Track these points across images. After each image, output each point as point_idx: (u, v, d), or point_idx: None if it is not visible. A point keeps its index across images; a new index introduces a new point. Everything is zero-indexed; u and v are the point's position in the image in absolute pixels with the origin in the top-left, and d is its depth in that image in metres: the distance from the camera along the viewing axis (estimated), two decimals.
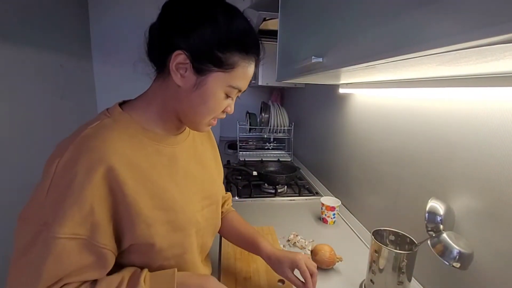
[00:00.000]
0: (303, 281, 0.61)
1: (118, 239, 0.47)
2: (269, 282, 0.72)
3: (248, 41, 0.48)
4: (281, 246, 0.90)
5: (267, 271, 0.76)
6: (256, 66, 0.52)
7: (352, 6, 0.48)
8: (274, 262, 0.64)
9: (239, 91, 0.52)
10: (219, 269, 0.78)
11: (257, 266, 0.78)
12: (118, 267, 0.49)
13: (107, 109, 0.52)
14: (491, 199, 0.55)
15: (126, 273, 0.48)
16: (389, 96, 0.90)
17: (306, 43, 0.73)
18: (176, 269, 0.51)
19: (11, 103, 1.65)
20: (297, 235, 0.94)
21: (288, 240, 0.93)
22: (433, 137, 0.70)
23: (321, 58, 0.59)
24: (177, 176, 0.54)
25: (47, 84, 1.96)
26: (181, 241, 0.54)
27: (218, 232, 0.74)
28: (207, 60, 0.46)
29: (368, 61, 0.41)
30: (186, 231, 0.54)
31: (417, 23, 0.31)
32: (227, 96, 0.51)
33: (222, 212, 0.75)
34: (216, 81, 0.48)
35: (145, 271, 0.49)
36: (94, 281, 0.46)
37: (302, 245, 0.90)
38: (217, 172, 0.70)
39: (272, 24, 1.41)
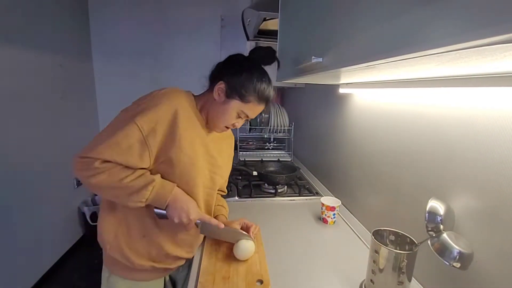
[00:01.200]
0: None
1: (158, 154, 0.73)
2: (248, 282, 0.72)
3: (263, 95, 0.79)
4: None
5: (246, 271, 0.76)
6: (265, 108, 0.82)
7: (352, 6, 0.48)
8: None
9: (247, 116, 0.81)
10: (199, 267, 0.78)
11: (237, 266, 0.78)
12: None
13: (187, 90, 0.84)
14: (491, 199, 0.55)
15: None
16: (389, 96, 0.90)
17: (306, 43, 0.74)
18: (176, 184, 0.76)
19: (11, 103, 1.65)
20: None
21: None
22: (433, 137, 0.70)
23: (321, 58, 0.59)
24: (202, 144, 0.81)
25: (47, 84, 1.96)
26: (191, 177, 0.78)
27: None
28: (235, 92, 0.77)
29: (368, 61, 0.41)
30: (196, 168, 0.78)
31: (417, 23, 0.31)
32: (238, 116, 0.80)
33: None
34: (235, 105, 0.78)
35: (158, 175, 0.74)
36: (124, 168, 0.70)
37: None
38: (226, 163, 0.95)
39: (272, 24, 1.41)
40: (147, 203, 0.72)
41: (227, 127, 0.82)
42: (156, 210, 0.76)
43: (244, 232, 0.85)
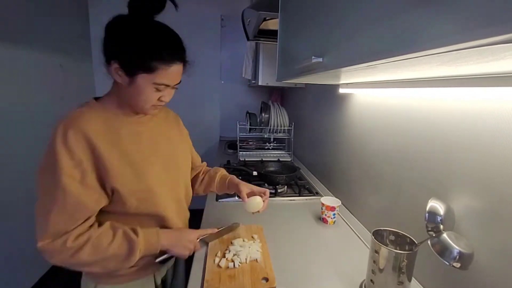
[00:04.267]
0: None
1: (103, 186, 0.66)
2: (253, 280, 0.73)
3: (167, 54, 0.64)
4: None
5: (251, 269, 0.77)
6: (183, 63, 0.69)
7: (352, 5, 0.48)
8: (233, 186, 0.94)
9: (168, 85, 0.68)
10: (204, 266, 0.78)
11: (242, 265, 0.78)
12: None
13: (86, 101, 0.72)
14: (492, 199, 0.55)
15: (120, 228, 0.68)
16: (389, 96, 0.90)
17: (306, 43, 0.73)
18: (158, 228, 0.73)
19: (10, 103, 1.65)
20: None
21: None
22: (433, 137, 0.70)
23: (321, 58, 0.59)
24: (142, 144, 0.73)
25: (47, 84, 1.95)
26: (141, 187, 0.70)
27: (210, 190, 1.00)
28: (134, 66, 0.63)
29: (368, 61, 0.41)
30: (145, 178, 0.71)
31: (417, 23, 0.31)
32: (157, 90, 0.67)
33: (202, 174, 1.01)
34: (144, 79, 0.64)
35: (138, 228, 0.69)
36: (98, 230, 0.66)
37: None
38: (182, 144, 0.90)
39: (272, 24, 1.41)
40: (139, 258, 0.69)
41: (155, 106, 0.71)
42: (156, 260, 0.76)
43: (230, 225, 0.93)
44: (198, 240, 0.80)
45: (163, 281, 0.89)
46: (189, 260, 0.84)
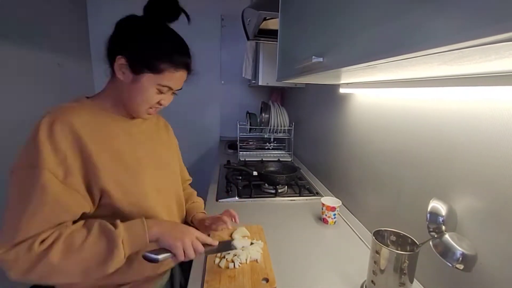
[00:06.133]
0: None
1: (90, 188, 0.60)
2: (254, 280, 0.72)
3: (178, 59, 0.65)
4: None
5: (252, 270, 0.76)
6: (188, 73, 0.70)
7: (352, 5, 0.47)
8: (198, 224, 0.86)
9: (171, 89, 0.68)
10: (204, 266, 0.78)
11: (242, 265, 0.78)
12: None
13: (75, 98, 0.69)
14: (495, 199, 0.54)
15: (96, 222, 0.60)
16: (390, 96, 0.90)
17: (307, 43, 0.73)
18: (143, 217, 0.63)
19: (9, 102, 1.65)
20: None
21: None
22: (435, 137, 0.70)
23: (322, 58, 0.59)
24: (135, 147, 0.71)
25: (45, 84, 1.95)
26: (135, 189, 0.66)
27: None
28: (141, 64, 0.62)
29: (369, 60, 0.40)
30: (138, 180, 0.67)
31: (418, 22, 0.30)
32: (160, 92, 0.66)
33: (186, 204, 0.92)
34: (148, 80, 0.64)
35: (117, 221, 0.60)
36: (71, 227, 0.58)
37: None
38: (171, 152, 0.88)
39: (272, 24, 1.41)
40: (128, 255, 0.59)
41: (153, 108, 0.69)
42: (147, 255, 0.60)
43: (226, 240, 0.82)
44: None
45: None
46: (188, 267, 0.78)
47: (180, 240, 0.62)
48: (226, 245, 0.77)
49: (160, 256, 0.60)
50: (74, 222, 0.60)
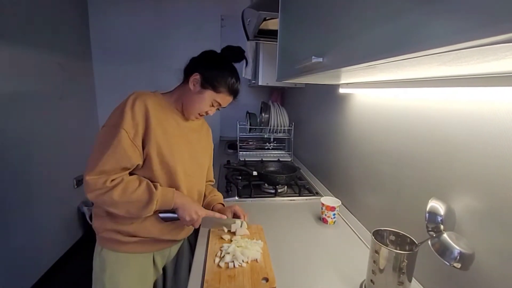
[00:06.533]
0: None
1: (143, 146, 0.83)
2: (253, 280, 0.73)
3: (233, 88, 0.92)
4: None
5: (251, 269, 0.77)
6: (234, 99, 0.96)
7: (352, 5, 0.47)
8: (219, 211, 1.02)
9: (220, 105, 0.93)
10: (204, 266, 0.78)
11: (242, 265, 0.78)
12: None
13: (152, 91, 0.93)
14: (493, 199, 0.54)
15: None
16: (390, 96, 0.90)
17: (306, 43, 0.73)
18: (174, 189, 0.87)
19: (10, 102, 1.65)
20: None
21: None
22: (434, 137, 0.70)
23: (321, 58, 0.59)
24: (179, 133, 0.92)
25: (46, 84, 1.95)
26: (169, 161, 0.86)
27: None
28: (209, 83, 0.89)
29: (369, 61, 0.40)
30: (174, 155, 0.88)
31: (418, 22, 0.31)
32: (211, 105, 0.92)
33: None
34: (209, 95, 0.90)
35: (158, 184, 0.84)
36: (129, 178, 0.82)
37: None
38: (206, 150, 1.07)
39: (272, 24, 1.41)
40: (156, 210, 0.83)
41: (201, 114, 0.93)
42: (161, 215, 0.87)
43: (232, 219, 0.97)
44: (202, 217, 0.89)
45: (164, 270, 1.01)
46: (193, 255, 0.85)
47: (190, 216, 0.86)
48: (228, 222, 0.96)
49: (163, 215, 0.87)
50: (131, 174, 0.84)
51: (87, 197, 0.78)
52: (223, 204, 1.09)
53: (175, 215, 0.87)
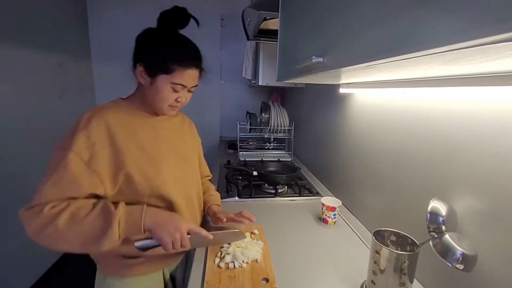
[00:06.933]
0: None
1: (115, 173, 0.69)
2: (254, 280, 0.73)
3: (184, 58, 0.73)
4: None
5: (252, 270, 0.76)
6: (198, 69, 0.77)
7: (352, 5, 0.47)
8: (212, 215, 0.94)
9: (185, 86, 0.75)
10: (204, 267, 0.78)
11: (242, 265, 0.78)
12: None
13: (112, 100, 0.79)
14: (495, 199, 0.54)
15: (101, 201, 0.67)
16: (390, 96, 0.90)
17: (307, 43, 0.73)
18: (145, 205, 0.69)
19: (9, 102, 1.65)
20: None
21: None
22: (435, 137, 0.70)
23: (322, 58, 0.59)
24: (158, 140, 0.80)
25: (45, 83, 1.95)
26: (155, 175, 0.74)
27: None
28: (155, 68, 0.72)
29: (369, 60, 0.40)
30: (159, 168, 0.76)
31: (419, 22, 0.30)
32: (174, 90, 0.74)
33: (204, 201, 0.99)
34: (162, 80, 0.73)
35: (121, 202, 0.67)
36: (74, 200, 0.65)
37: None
38: (193, 149, 0.95)
39: (272, 24, 1.41)
40: (123, 238, 0.65)
41: (172, 106, 0.77)
42: (136, 244, 0.68)
43: (234, 230, 0.84)
44: (189, 235, 0.71)
45: (172, 277, 0.91)
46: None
47: (169, 235, 0.68)
48: (223, 238, 0.83)
49: (139, 244, 0.68)
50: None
51: (29, 237, 0.61)
52: (219, 205, 1.00)
53: (153, 240, 0.68)
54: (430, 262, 0.66)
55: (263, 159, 1.89)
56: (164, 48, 0.72)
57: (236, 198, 1.27)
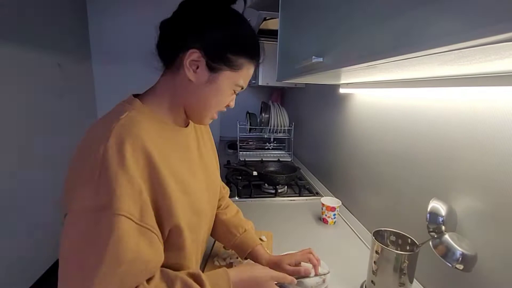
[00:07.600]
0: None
1: (160, 224, 0.47)
2: None
3: (253, 47, 0.54)
4: None
5: None
6: (256, 68, 0.58)
7: (352, 5, 0.47)
8: (273, 266, 0.69)
9: (242, 88, 0.57)
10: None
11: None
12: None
13: (125, 101, 0.52)
14: (495, 199, 0.54)
15: (187, 275, 0.49)
16: (390, 96, 0.90)
17: (306, 43, 0.73)
18: (226, 270, 0.55)
19: (9, 102, 1.65)
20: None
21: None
22: (434, 137, 0.70)
23: (321, 58, 0.59)
24: (191, 164, 0.58)
25: (45, 83, 1.95)
26: (198, 224, 0.56)
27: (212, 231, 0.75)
28: (220, 60, 0.50)
29: (369, 60, 0.40)
30: (201, 214, 0.57)
31: (419, 22, 0.30)
32: (234, 93, 0.57)
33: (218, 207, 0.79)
34: (226, 78, 0.52)
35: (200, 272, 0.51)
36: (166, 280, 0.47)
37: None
38: (216, 162, 0.74)
39: (272, 24, 1.41)
40: None
41: (217, 112, 0.59)
42: None
43: (323, 274, 0.72)
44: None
45: None
46: None
47: None
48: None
49: None
50: None
51: None
52: (261, 244, 0.75)
53: None
54: (430, 262, 0.66)
55: (263, 159, 1.89)
56: (232, 32, 0.49)
57: (236, 198, 1.27)
